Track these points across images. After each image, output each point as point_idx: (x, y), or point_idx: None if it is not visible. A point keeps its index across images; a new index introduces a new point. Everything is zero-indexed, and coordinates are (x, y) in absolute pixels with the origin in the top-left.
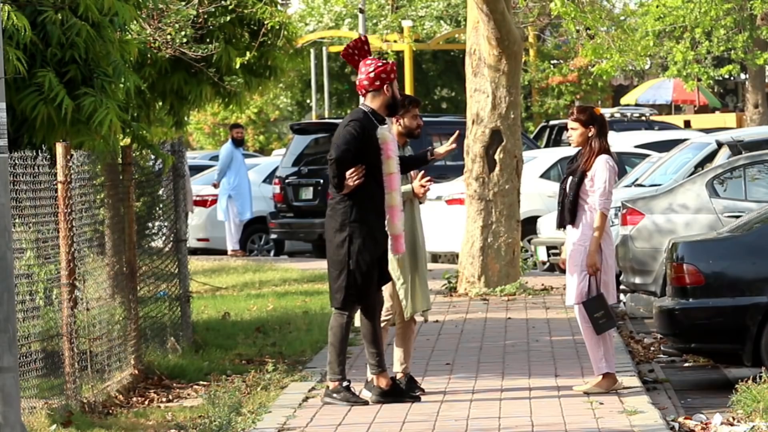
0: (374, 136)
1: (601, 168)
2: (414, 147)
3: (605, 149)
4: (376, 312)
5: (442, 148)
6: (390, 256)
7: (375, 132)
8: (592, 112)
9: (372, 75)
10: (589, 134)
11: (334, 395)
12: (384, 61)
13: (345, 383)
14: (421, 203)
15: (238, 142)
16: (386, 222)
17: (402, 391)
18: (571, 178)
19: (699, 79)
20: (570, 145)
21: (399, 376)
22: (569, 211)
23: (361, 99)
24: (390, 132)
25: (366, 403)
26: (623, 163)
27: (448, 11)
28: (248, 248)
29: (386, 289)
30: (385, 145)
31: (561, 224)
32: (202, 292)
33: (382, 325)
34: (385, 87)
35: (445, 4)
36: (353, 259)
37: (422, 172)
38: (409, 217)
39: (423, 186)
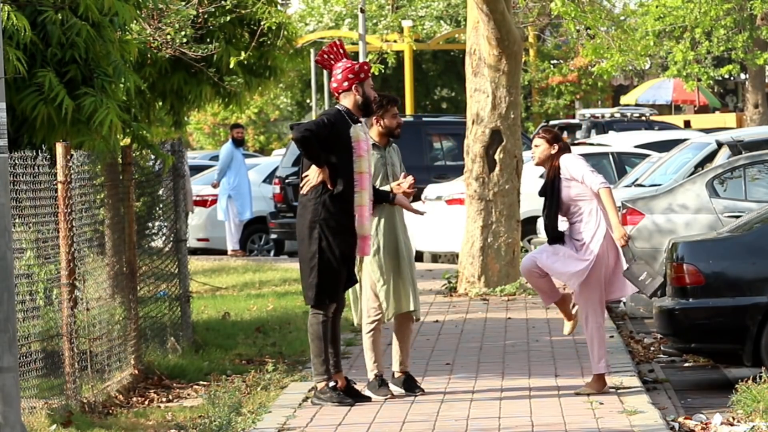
0: (346, 133)
1: (568, 161)
2: (412, 146)
3: (565, 150)
4: (338, 313)
5: (401, 188)
6: (368, 258)
7: (348, 130)
8: (558, 134)
9: (339, 77)
10: (552, 152)
11: (321, 396)
12: (353, 62)
13: (331, 383)
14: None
15: (239, 142)
16: (363, 225)
17: (352, 395)
18: (545, 199)
19: (699, 79)
20: (570, 144)
21: (397, 375)
22: (555, 222)
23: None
24: (364, 132)
25: (352, 403)
26: (623, 163)
27: (448, 11)
28: (248, 248)
29: (372, 290)
30: (357, 143)
31: (554, 239)
32: (202, 292)
33: (373, 325)
34: (354, 87)
35: (445, 4)
36: (322, 257)
37: (410, 175)
38: (390, 217)
39: (404, 189)
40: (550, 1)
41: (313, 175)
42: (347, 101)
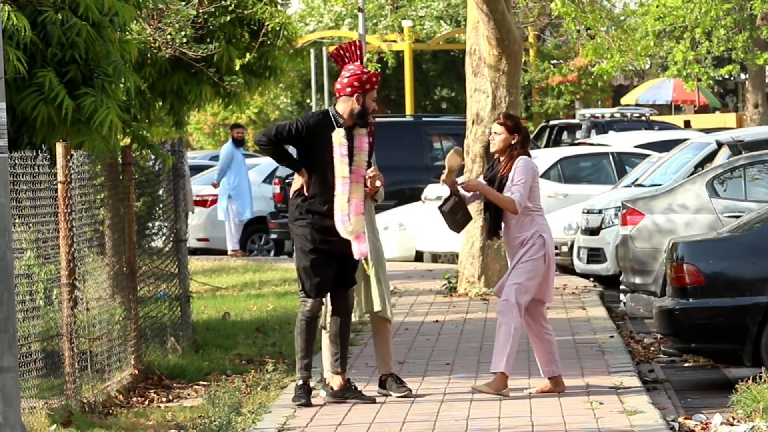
0: (328, 136)
1: (521, 167)
2: (413, 146)
3: (524, 153)
4: (343, 313)
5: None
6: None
7: (330, 132)
8: (519, 122)
9: (345, 81)
10: (512, 141)
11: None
12: (364, 71)
13: (300, 382)
14: (375, 201)
15: (239, 142)
16: (345, 227)
17: (353, 394)
18: (489, 184)
19: (699, 79)
20: (570, 144)
21: (383, 377)
22: (495, 221)
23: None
24: (348, 137)
25: (306, 404)
26: (623, 163)
27: (448, 11)
28: (248, 248)
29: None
30: (359, 138)
31: (490, 235)
32: (202, 292)
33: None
34: (356, 95)
35: (445, 4)
36: (300, 257)
37: (374, 167)
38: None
39: (371, 178)
40: (550, 1)
41: (296, 178)
42: (343, 106)
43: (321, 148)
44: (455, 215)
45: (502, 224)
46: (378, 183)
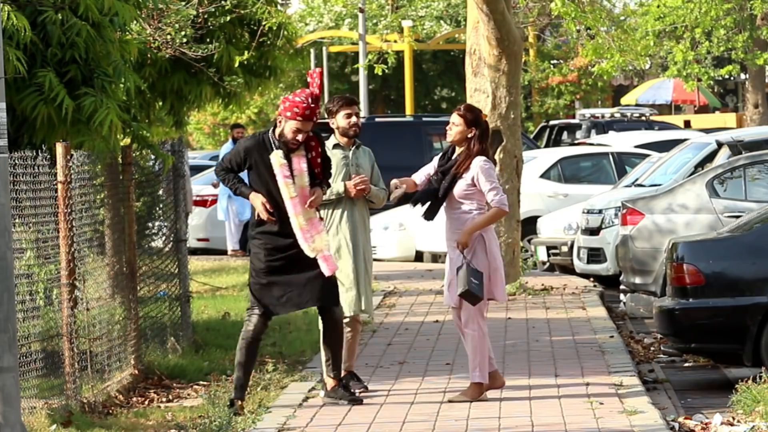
0: (267, 160)
1: (481, 170)
2: (413, 146)
3: (482, 152)
4: (333, 328)
5: (350, 184)
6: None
7: (268, 156)
8: (479, 115)
9: (288, 103)
10: (470, 135)
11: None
12: (301, 102)
13: (237, 403)
14: (372, 204)
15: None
16: (307, 245)
17: (345, 394)
18: (442, 176)
19: (699, 79)
20: (570, 144)
21: (342, 373)
22: (433, 211)
23: None
24: (287, 157)
25: (236, 414)
26: (623, 163)
27: (448, 11)
28: (248, 248)
29: None
30: (280, 168)
31: (428, 216)
32: (202, 292)
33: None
34: (285, 120)
35: (445, 4)
36: (251, 273)
37: (362, 176)
38: (351, 217)
39: (357, 186)
40: (550, 1)
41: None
42: (278, 128)
43: (264, 171)
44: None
45: (442, 216)
46: (361, 187)
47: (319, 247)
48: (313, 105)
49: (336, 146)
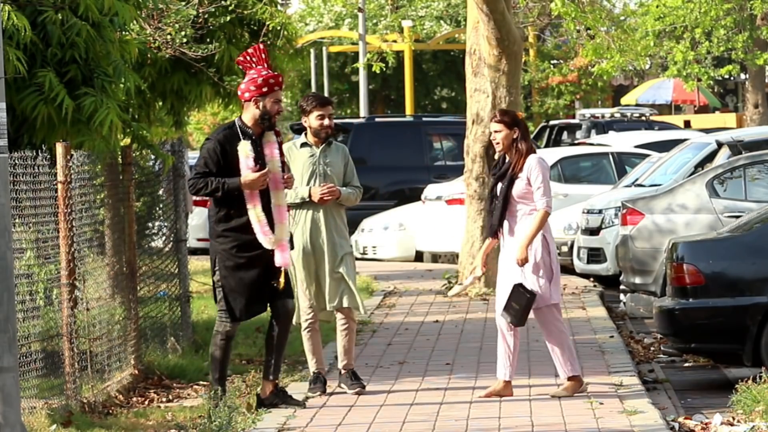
0: (235, 151)
1: (536, 167)
2: (413, 146)
3: (533, 150)
4: (278, 322)
5: (315, 194)
6: (294, 257)
7: (237, 146)
8: (515, 115)
9: (243, 86)
10: (514, 136)
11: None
12: (262, 73)
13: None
14: (342, 206)
15: None
16: (266, 238)
17: (282, 399)
18: (500, 184)
19: (699, 79)
20: (570, 144)
21: (342, 372)
22: (500, 218)
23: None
24: (258, 146)
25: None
26: (623, 163)
27: (448, 11)
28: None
29: (304, 293)
30: (268, 146)
31: (493, 233)
32: (202, 292)
33: (307, 323)
34: (253, 99)
35: (445, 4)
36: (223, 273)
37: (331, 184)
38: (314, 216)
39: (323, 194)
40: (550, 1)
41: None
42: (247, 114)
43: (236, 162)
44: None
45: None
46: (328, 197)
47: (278, 237)
48: (272, 72)
49: (304, 145)
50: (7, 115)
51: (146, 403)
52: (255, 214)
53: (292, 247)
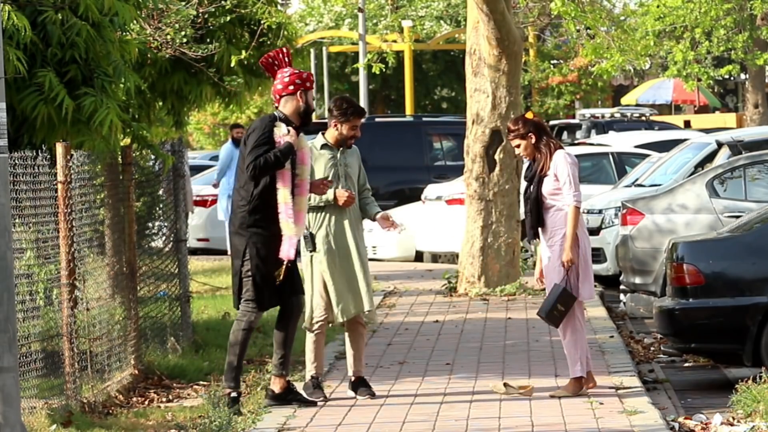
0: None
1: (561, 163)
2: (413, 146)
3: (558, 146)
4: (291, 318)
5: (339, 200)
6: (319, 257)
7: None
8: (525, 120)
9: (286, 80)
10: (533, 141)
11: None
12: (300, 70)
13: (233, 394)
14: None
15: (239, 142)
16: (288, 222)
17: (294, 397)
18: (531, 186)
19: (699, 79)
20: (570, 144)
21: (353, 379)
22: (537, 219)
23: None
24: (283, 128)
25: (237, 413)
26: (623, 163)
27: (448, 11)
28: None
29: (322, 290)
30: (301, 151)
31: (534, 235)
32: (202, 292)
33: (318, 325)
34: (298, 93)
35: (445, 4)
36: (255, 263)
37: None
38: (339, 217)
39: (343, 196)
40: (550, 1)
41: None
42: (288, 106)
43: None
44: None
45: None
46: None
47: (295, 233)
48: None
49: (324, 146)
50: (7, 115)
51: (146, 403)
52: (283, 194)
53: (313, 249)
